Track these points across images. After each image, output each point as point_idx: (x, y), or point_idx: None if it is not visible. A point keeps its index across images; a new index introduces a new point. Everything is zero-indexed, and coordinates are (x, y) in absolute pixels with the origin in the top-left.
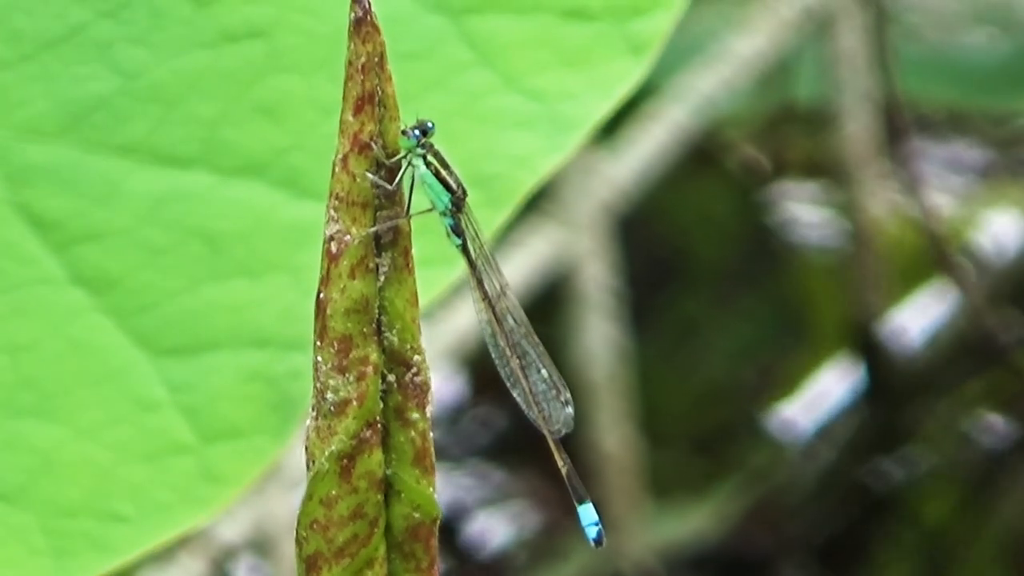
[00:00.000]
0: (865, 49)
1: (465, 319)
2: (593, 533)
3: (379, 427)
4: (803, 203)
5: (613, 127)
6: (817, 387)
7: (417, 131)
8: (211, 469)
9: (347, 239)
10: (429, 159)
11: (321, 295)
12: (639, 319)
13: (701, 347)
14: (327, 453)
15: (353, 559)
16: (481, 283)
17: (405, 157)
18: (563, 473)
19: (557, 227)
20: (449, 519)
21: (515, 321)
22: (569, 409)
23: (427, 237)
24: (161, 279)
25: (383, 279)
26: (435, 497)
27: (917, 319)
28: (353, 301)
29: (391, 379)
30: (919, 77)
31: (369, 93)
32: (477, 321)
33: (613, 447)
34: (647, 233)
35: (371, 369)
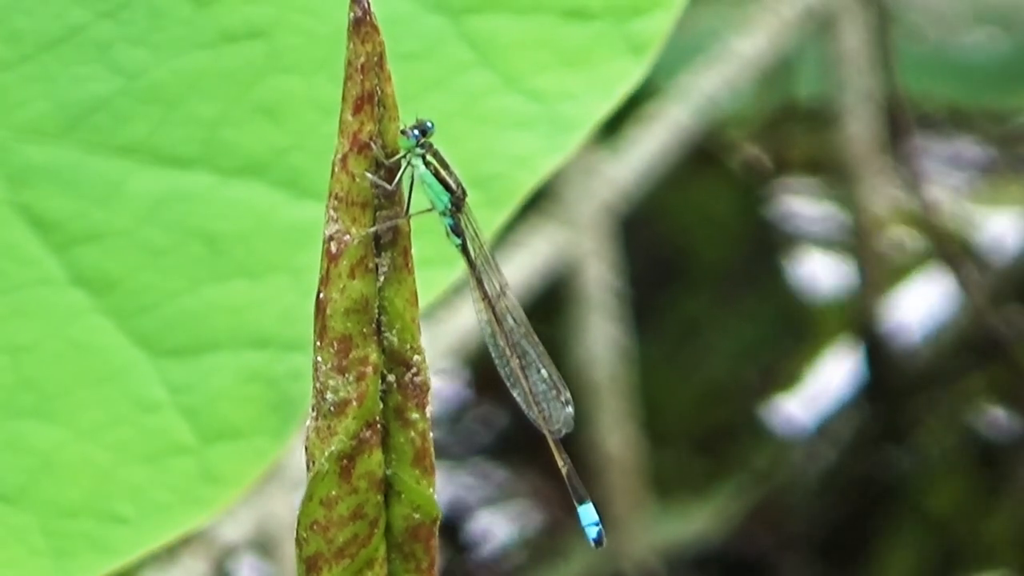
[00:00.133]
0: (866, 48)
1: (465, 319)
2: (593, 533)
3: (379, 427)
4: (805, 200)
5: (614, 127)
6: (819, 383)
7: (416, 131)
8: (211, 470)
9: (347, 239)
10: (428, 159)
11: (321, 295)
12: (640, 319)
13: (702, 347)
14: (327, 453)
15: (353, 560)
16: (481, 283)
17: (404, 157)
18: (563, 473)
19: (557, 227)
20: (450, 517)
21: (515, 321)
22: (569, 409)
23: (427, 237)
24: (161, 280)
25: (383, 279)
26: (435, 498)
27: (918, 315)
28: (353, 301)
29: (391, 379)
30: (920, 76)
31: (368, 93)
32: (477, 321)
33: (614, 447)
34: (648, 233)
35: (371, 369)
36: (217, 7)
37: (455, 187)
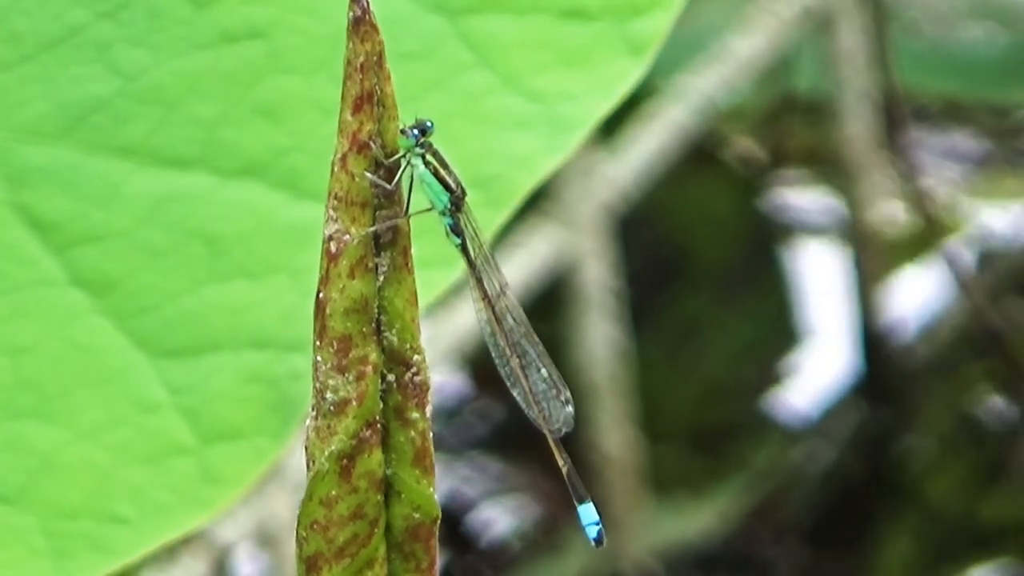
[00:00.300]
0: (864, 45)
1: (465, 319)
2: (593, 533)
3: (379, 427)
4: (802, 194)
5: (613, 127)
6: (817, 377)
7: (416, 131)
8: (211, 470)
9: (346, 239)
10: (428, 158)
11: (320, 295)
12: (639, 318)
13: (702, 346)
14: (327, 453)
15: (353, 559)
16: (480, 282)
17: (404, 156)
18: (564, 472)
19: (557, 227)
20: (450, 510)
21: (514, 320)
22: (569, 408)
23: (427, 237)
24: (161, 280)
25: (382, 279)
26: (435, 497)
27: (915, 307)
28: (352, 301)
29: (391, 379)
30: (917, 71)
31: (368, 92)
32: (477, 321)
33: (614, 446)
34: (647, 233)
35: (371, 369)
36: (216, 7)
37: (455, 187)
